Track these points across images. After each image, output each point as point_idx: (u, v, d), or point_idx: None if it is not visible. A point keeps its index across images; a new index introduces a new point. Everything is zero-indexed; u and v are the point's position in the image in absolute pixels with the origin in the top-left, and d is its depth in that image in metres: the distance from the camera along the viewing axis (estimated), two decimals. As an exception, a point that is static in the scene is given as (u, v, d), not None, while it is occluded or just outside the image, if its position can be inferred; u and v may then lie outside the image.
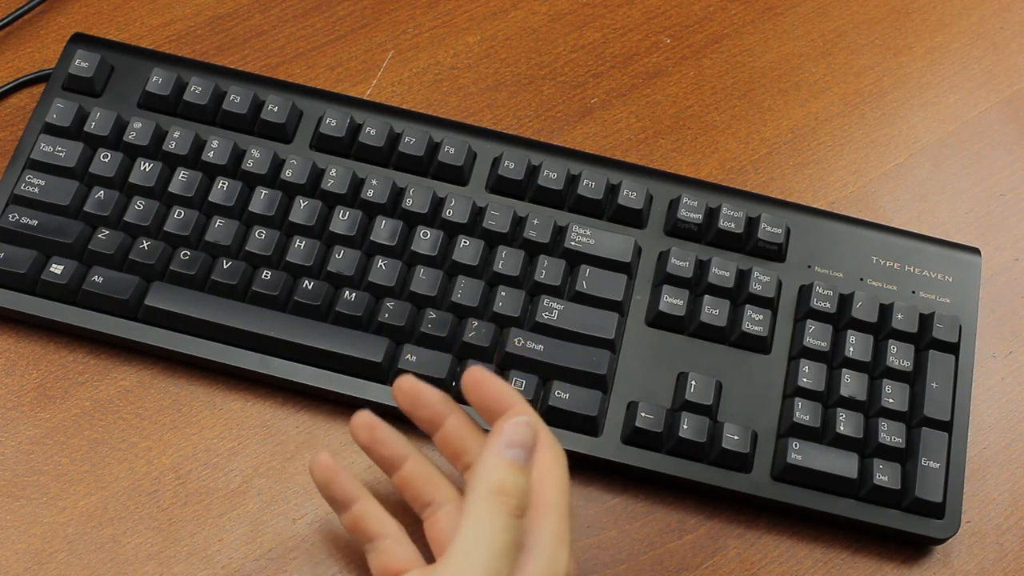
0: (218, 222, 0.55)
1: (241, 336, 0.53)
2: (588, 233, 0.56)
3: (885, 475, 0.51)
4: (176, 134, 0.57)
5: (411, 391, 0.47)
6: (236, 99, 0.58)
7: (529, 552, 0.42)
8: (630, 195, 0.57)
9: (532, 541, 0.42)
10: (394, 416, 0.49)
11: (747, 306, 0.55)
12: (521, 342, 0.53)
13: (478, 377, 0.45)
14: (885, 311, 0.55)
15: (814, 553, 0.53)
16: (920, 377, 0.54)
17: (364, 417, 0.47)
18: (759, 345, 0.54)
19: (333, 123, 0.57)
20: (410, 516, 0.48)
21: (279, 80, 0.60)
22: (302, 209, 0.55)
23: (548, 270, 0.54)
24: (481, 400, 0.45)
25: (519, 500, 0.40)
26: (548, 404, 0.52)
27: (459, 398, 0.53)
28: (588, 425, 0.52)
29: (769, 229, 0.56)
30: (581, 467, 0.53)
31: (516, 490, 0.40)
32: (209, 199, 0.56)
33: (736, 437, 0.51)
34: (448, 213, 0.56)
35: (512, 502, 0.40)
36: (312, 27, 0.65)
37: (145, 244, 0.54)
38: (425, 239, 0.55)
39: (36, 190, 0.55)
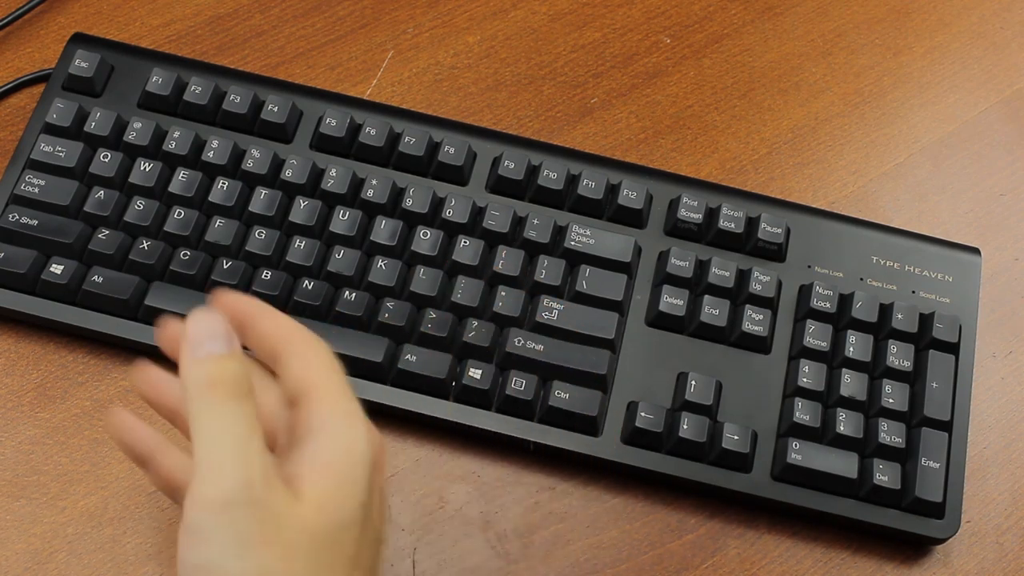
0: (218, 222, 0.55)
1: (241, 336, 0.53)
2: (588, 233, 0.56)
3: (885, 475, 0.51)
4: (176, 134, 0.57)
5: (151, 379, 0.44)
6: (236, 99, 0.58)
7: (313, 434, 0.40)
8: (630, 195, 0.57)
9: (313, 424, 0.40)
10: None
11: (747, 306, 0.55)
12: (521, 342, 0.53)
13: (170, 331, 0.42)
14: (885, 311, 0.55)
15: (814, 553, 0.53)
16: (920, 377, 0.54)
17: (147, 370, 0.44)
18: (759, 345, 0.54)
19: (333, 123, 0.57)
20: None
21: (279, 80, 0.60)
22: (302, 209, 0.55)
23: (548, 270, 0.55)
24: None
25: (235, 383, 0.38)
26: (548, 404, 0.52)
27: (458, 398, 0.53)
28: (588, 425, 0.52)
29: (769, 229, 0.56)
30: (581, 467, 0.53)
31: (227, 375, 0.38)
32: (209, 199, 0.56)
33: (736, 437, 0.51)
34: (448, 213, 0.56)
35: (228, 388, 0.38)
36: (312, 27, 0.65)
37: (145, 244, 0.54)
38: (425, 239, 0.55)
39: (36, 190, 0.55)
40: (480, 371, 0.52)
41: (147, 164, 0.56)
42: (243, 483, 0.37)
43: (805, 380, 0.53)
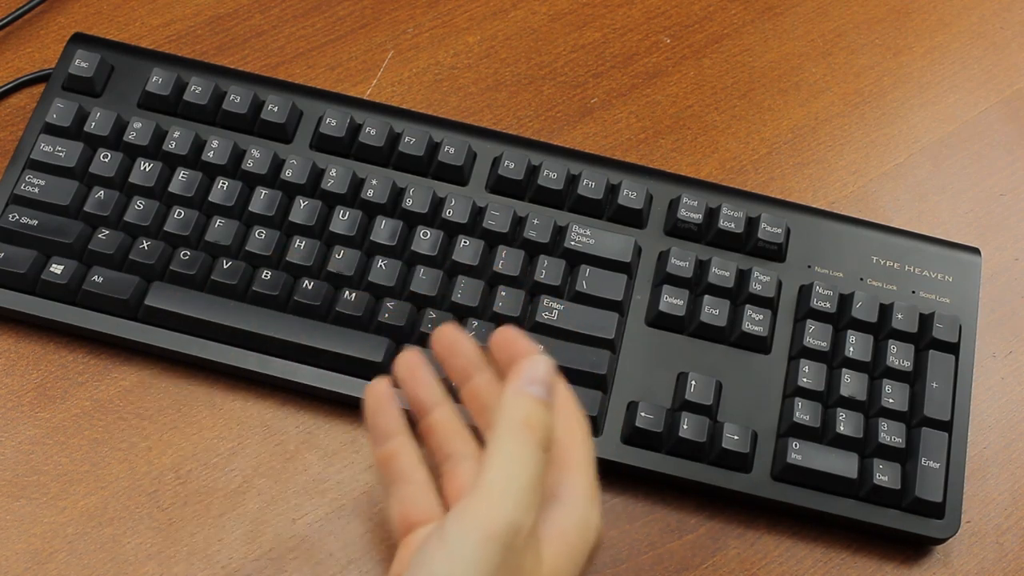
0: (218, 222, 0.55)
1: (241, 336, 0.53)
2: (588, 233, 0.56)
3: (885, 475, 0.51)
4: (176, 134, 0.57)
5: (450, 337, 0.45)
6: (236, 99, 0.58)
7: (562, 504, 0.41)
8: (630, 195, 0.57)
9: (564, 493, 0.42)
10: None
11: (747, 306, 0.55)
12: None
13: (509, 335, 0.44)
14: (885, 311, 0.55)
15: (814, 553, 0.53)
16: (920, 377, 0.54)
17: (410, 354, 0.46)
18: (759, 345, 0.54)
19: (333, 123, 0.57)
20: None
21: (279, 80, 0.60)
22: (302, 209, 0.55)
23: (548, 270, 0.55)
24: (509, 359, 0.43)
25: (544, 433, 0.39)
26: (548, 404, 0.52)
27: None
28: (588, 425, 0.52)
29: (769, 229, 0.56)
30: (581, 467, 0.53)
31: (540, 423, 0.40)
32: (209, 199, 0.56)
33: (736, 437, 0.51)
34: (448, 213, 0.56)
35: (538, 435, 0.39)
36: (312, 27, 0.65)
37: (145, 244, 0.54)
38: (425, 239, 0.55)
39: (36, 190, 0.55)
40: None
41: (147, 164, 0.56)
42: (515, 527, 0.38)
43: (805, 380, 0.53)
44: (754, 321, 0.54)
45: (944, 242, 0.58)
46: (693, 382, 0.52)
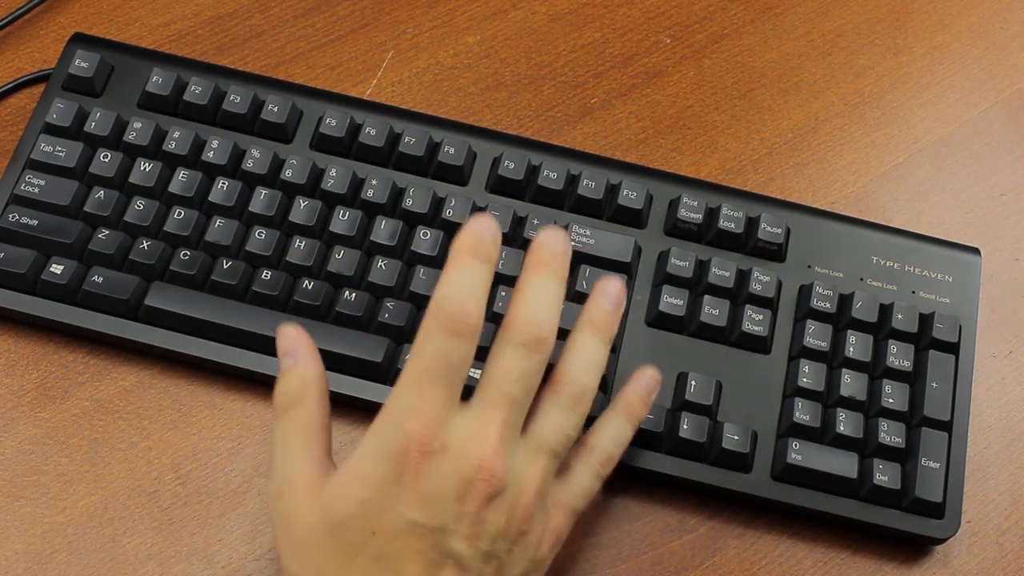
0: (218, 222, 0.55)
1: (241, 336, 0.53)
2: (588, 233, 0.56)
3: (885, 475, 0.51)
4: (176, 134, 0.57)
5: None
6: (236, 99, 0.58)
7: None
8: (630, 195, 0.57)
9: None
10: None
11: (747, 306, 0.55)
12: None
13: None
14: (885, 311, 0.55)
15: (814, 553, 0.53)
16: (920, 377, 0.54)
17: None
18: (759, 345, 0.54)
19: (333, 123, 0.57)
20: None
21: (279, 80, 0.60)
22: (302, 209, 0.55)
23: (548, 270, 0.54)
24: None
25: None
26: (548, 404, 0.52)
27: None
28: (588, 425, 0.52)
29: (769, 229, 0.56)
30: (581, 467, 0.53)
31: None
32: (209, 199, 0.56)
33: (736, 437, 0.51)
34: (448, 213, 0.56)
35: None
36: (312, 27, 0.65)
37: (145, 244, 0.54)
38: (425, 239, 0.55)
39: (36, 190, 0.55)
40: (480, 372, 0.52)
41: (147, 164, 0.56)
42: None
43: (805, 380, 0.53)
44: (754, 321, 0.54)
45: (944, 242, 0.58)
46: (693, 382, 0.52)
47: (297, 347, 0.45)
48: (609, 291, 0.47)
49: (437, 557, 0.41)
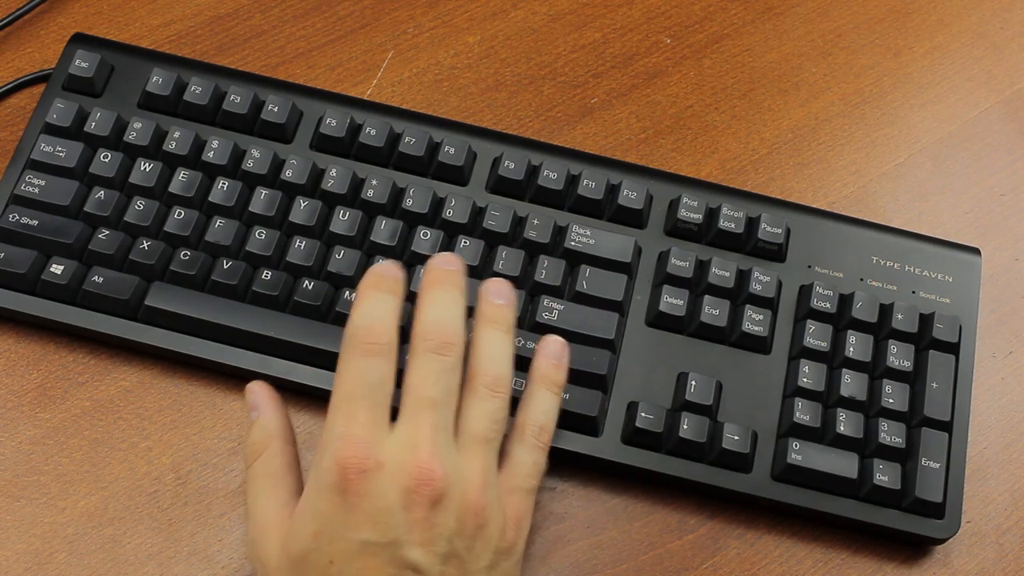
0: (218, 222, 0.55)
1: (241, 336, 0.53)
2: (588, 233, 0.56)
3: (885, 475, 0.51)
4: (176, 134, 0.57)
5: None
6: (236, 99, 0.58)
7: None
8: (630, 195, 0.57)
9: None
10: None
11: (747, 306, 0.55)
12: (521, 342, 0.53)
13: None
14: (885, 311, 0.55)
15: (814, 553, 0.53)
16: (920, 377, 0.54)
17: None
18: (759, 345, 0.54)
19: (333, 123, 0.57)
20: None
21: (279, 80, 0.60)
22: (302, 209, 0.55)
23: (548, 270, 0.55)
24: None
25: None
26: (548, 404, 0.52)
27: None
28: (588, 425, 0.52)
29: (769, 229, 0.56)
30: (581, 467, 0.53)
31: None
32: (209, 199, 0.56)
33: (736, 437, 0.51)
34: (448, 213, 0.56)
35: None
36: (312, 27, 0.65)
37: (145, 244, 0.54)
38: (425, 239, 0.55)
39: (36, 190, 0.55)
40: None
41: (147, 164, 0.56)
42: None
43: (805, 380, 0.53)
44: (754, 321, 0.54)
45: (944, 242, 0.58)
46: (693, 382, 0.52)
47: (261, 400, 0.48)
48: (495, 289, 0.48)
49: (395, 570, 0.42)
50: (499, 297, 0.48)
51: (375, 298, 0.45)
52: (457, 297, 0.46)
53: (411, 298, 0.54)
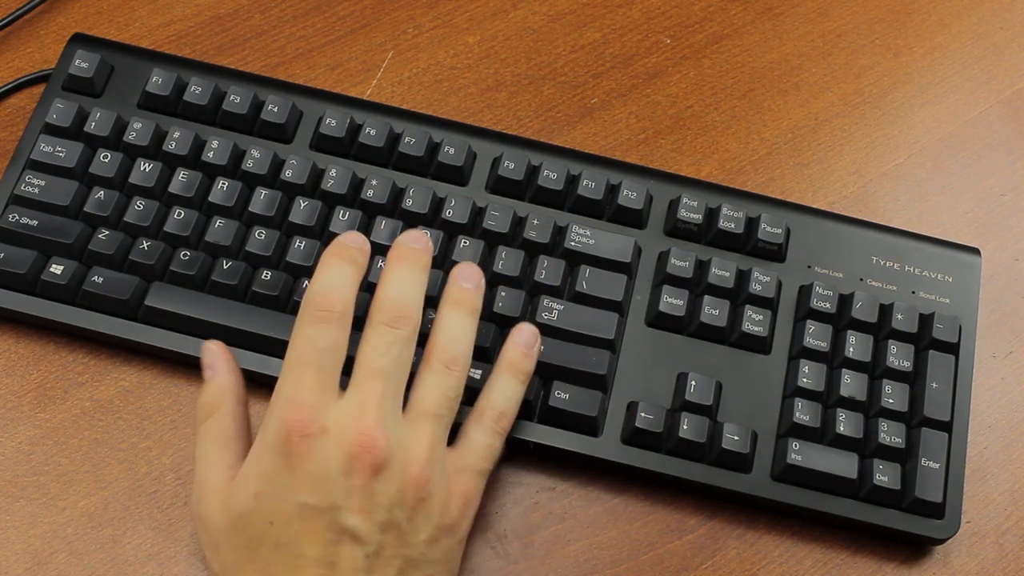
0: (218, 222, 0.55)
1: (241, 336, 0.53)
2: (588, 233, 0.56)
3: (885, 475, 0.51)
4: (176, 134, 0.57)
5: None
6: (236, 99, 0.58)
7: None
8: (630, 195, 0.57)
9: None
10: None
11: (747, 306, 0.55)
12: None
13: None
14: (885, 311, 0.55)
15: (814, 553, 0.53)
16: (920, 377, 0.54)
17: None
18: (759, 345, 0.54)
19: (333, 123, 0.57)
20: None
21: (279, 80, 0.60)
22: (302, 209, 0.55)
23: (548, 270, 0.55)
24: None
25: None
26: (548, 404, 0.52)
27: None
28: (588, 425, 0.52)
29: (769, 229, 0.56)
30: (581, 467, 0.53)
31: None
32: (209, 199, 0.56)
33: (736, 437, 0.51)
34: (448, 213, 0.56)
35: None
36: (312, 27, 0.65)
37: (145, 244, 0.54)
38: (425, 239, 0.55)
39: (36, 190, 0.55)
40: (480, 371, 0.52)
41: (147, 164, 0.56)
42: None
43: (805, 380, 0.53)
44: (754, 321, 0.54)
45: (944, 242, 0.58)
46: (693, 382, 0.52)
47: (217, 360, 0.49)
48: (465, 273, 0.49)
49: (332, 536, 0.42)
50: (467, 281, 0.49)
51: (335, 267, 0.46)
52: (419, 274, 0.47)
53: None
